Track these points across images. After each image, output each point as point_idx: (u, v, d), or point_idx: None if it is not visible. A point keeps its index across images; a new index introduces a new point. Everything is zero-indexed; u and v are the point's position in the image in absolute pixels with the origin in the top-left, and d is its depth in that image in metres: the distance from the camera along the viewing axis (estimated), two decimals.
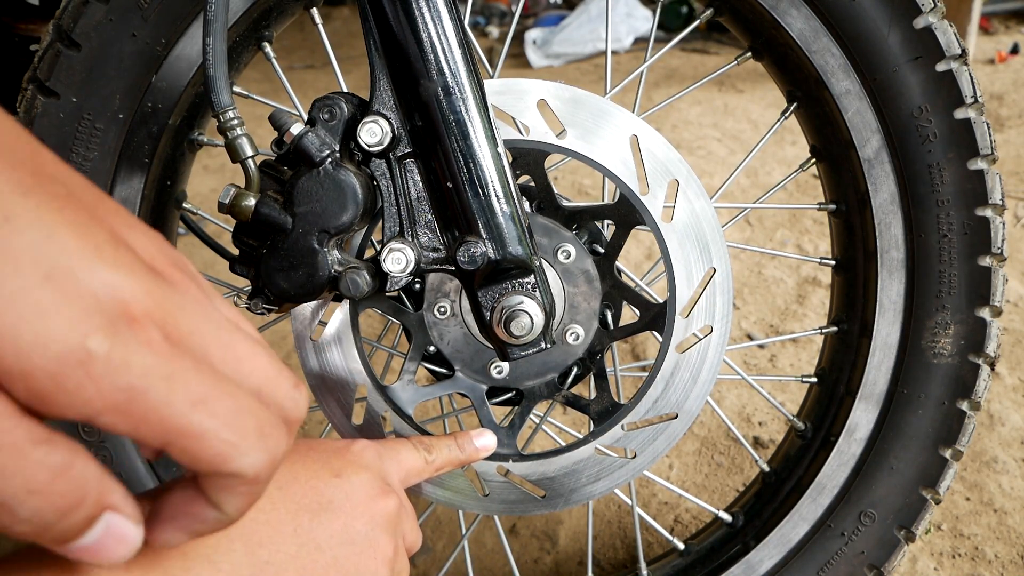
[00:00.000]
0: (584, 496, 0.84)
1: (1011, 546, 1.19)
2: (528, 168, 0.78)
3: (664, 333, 0.80)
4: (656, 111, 0.91)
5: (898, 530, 0.86)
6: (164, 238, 0.37)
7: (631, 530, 1.27)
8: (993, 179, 0.78)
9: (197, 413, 0.32)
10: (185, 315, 0.33)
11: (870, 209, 0.82)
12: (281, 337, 1.82)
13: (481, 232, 0.67)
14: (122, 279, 0.30)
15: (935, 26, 0.76)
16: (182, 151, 0.89)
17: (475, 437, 0.78)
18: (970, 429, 0.84)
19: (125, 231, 0.34)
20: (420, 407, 1.53)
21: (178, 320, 0.33)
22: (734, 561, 0.91)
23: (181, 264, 0.37)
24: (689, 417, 0.82)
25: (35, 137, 0.33)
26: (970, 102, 0.77)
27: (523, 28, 4.47)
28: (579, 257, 0.78)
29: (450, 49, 0.65)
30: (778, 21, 0.80)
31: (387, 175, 0.69)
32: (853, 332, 0.89)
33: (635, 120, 0.77)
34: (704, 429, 1.48)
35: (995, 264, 0.80)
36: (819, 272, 1.92)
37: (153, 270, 0.33)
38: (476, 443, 0.77)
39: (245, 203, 0.64)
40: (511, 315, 0.69)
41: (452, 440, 0.76)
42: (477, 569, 1.22)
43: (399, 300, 0.81)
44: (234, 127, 0.64)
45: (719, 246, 0.79)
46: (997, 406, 1.45)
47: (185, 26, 0.79)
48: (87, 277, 0.29)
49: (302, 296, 0.66)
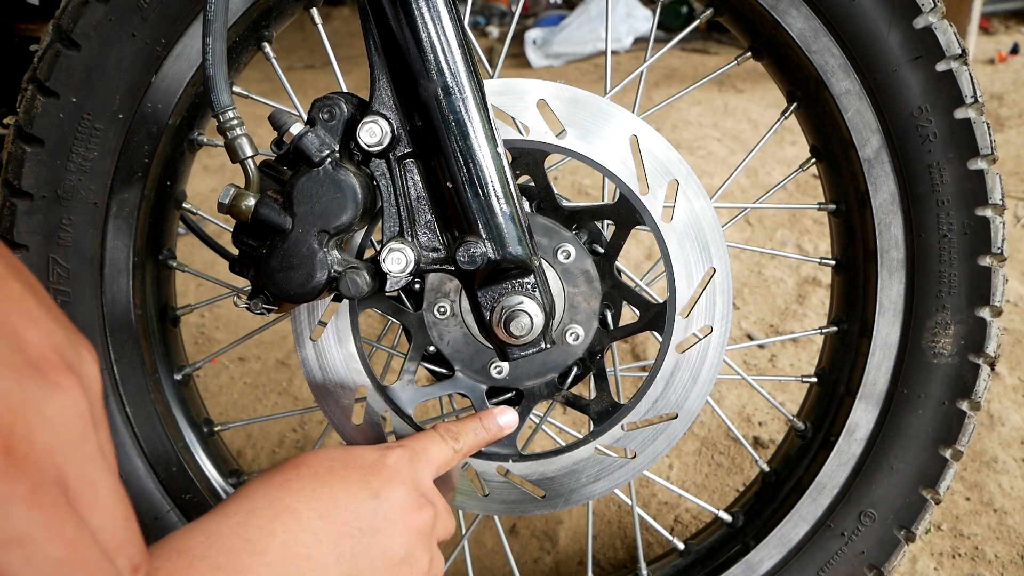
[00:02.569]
0: (584, 496, 0.84)
1: (1011, 546, 1.19)
2: (528, 168, 0.78)
3: (664, 333, 0.80)
4: (656, 111, 0.91)
5: (898, 530, 0.86)
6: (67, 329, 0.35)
7: (631, 530, 1.27)
8: (993, 179, 0.78)
9: (9, 553, 0.28)
10: (47, 429, 0.31)
11: (870, 209, 0.82)
12: (281, 337, 1.82)
13: (481, 232, 0.67)
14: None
15: (935, 26, 0.76)
16: (182, 151, 0.89)
17: (498, 415, 0.78)
18: (970, 429, 0.84)
19: (19, 322, 0.33)
20: (420, 407, 1.53)
21: (33, 433, 0.30)
22: (734, 561, 0.91)
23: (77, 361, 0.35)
24: (689, 417, 0.82)
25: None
26: (970, 102, 0.77)
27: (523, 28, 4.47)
28: (579, 257, 0.77)
29: (450, 49, 0.65)
30: (778, 21, 0.80)
31: (387, 175, 0.69)
32: (853, 332, 0.89)
33: (635, 120, 0.77)
34: (704, 429, 1.48)
35: (995, 264, 0.80)
36: (819, 272, 1.92)
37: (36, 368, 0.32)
38: (500, 421, 0.77)
39: (245, 203, 0.64)
40: (511, 315, 0.69)
41: (477, 422, 0.76)
42: (477, 569, 1.22)
43: (399, 300, 0.81)
44: (234, 127, 0.64)
45: (719, 246, 0.79)
46: (997, 406, 1.45)
47: (185, 26, 0.79)
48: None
49: (302, 296, 0.66)
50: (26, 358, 0.32)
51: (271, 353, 1.79)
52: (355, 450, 0.65)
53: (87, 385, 0.35)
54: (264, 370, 1.74)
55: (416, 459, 0.67)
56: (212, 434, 0.96)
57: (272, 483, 0.59)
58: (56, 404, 0.32)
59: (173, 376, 0.92)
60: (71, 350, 0.35)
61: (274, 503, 0.56)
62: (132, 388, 0.86)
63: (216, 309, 1.94)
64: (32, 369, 0.32)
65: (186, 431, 0.91)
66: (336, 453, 0.64)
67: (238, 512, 0.55)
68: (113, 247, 0.83)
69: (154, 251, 0.89)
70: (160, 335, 0.91)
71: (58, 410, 0.32)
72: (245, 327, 1.87)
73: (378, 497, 0.61)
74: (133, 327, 0.86)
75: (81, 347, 0.36)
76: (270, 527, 0.54)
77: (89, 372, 0.36)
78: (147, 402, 0.87)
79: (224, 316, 1.93)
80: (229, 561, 0.50)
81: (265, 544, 0.53)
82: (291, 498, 0.57)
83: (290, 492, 0.58)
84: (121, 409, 0.85)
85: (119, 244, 0.84)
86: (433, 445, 0.71)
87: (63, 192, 0.80)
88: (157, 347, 0.90)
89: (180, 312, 0.95)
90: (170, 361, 0.92)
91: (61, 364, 0.34)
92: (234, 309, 1.93)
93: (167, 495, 0.88)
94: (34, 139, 0.78)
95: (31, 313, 0.34)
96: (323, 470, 0.61)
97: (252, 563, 0.51)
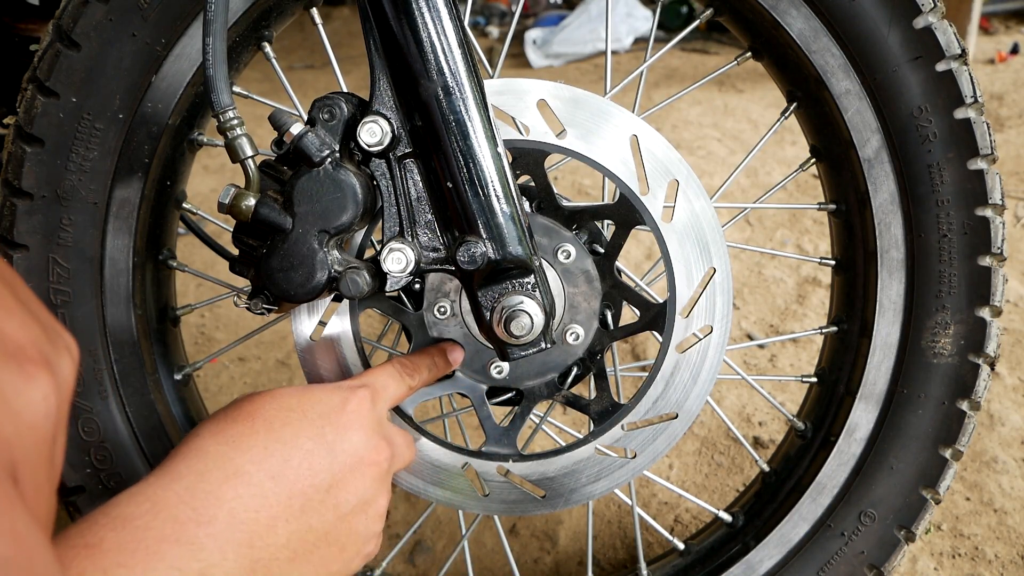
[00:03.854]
0: (584, 496, 0.84)
1: (1011, 546, 1.19)
2: (528, 168, 0.78)
3: (664, 333, 0.80)
4: (656, 111, 0.91)
5: (898, 530, 0.86)
6: (48, 325, 0.35)
7: (631, 530, 1.27)
8: (993, 179, 0.78)
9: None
10: (10, 421, 0.31)
11: (870, 209, 0.82)
12: (281, 337, 1.82)
13: (481, 232, 0.67)
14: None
15: (935, 26, 0.76)
16: (182, 151, 0.89)
17: (449, 352, 0.79)
18: (970, 429, 0.84)
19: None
20: (420, 407, 1.53)
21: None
22: (734, 561, 0.91)
23: (54, 358, 0.34)
24: (689, 417, 0.82)
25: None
26: (970, 102, 0.77)
27: (523, 28, 4.47)
28: (579, 257, 0.77)
29: (450, 49, 0.65)
30: (778, 21, 0.80)
31: (387, 175, 0.69)
32: (853, 332, 0.89)
33: (635, 120, 0.77)
34: (704, 429, 1.48)
35: (995, 264, 0.80)
36: (819, 272, 1.92)
37: (12, 357, 0.31)
38: (450, 357, 0.79)
39: (245, 203, 0.64)
40: (511, 315, 0.69)
41: (431, 359, 0.77)
42: (477, 569, 1.22)
43: (399, 300, 0.81)
44: (234, 127, 0.64)
45: (719, 246, 0.79)
46: (997, 406, 1.45)
47: (185, 26, 0.79)
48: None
49: (302, 296, 0.66)
50: (1, 346, 0.32)
51: (271, 353, 1.79)
52: (314, 393, 0.64)
53: (60, 384, 0.34)
54: (264, 370, 1.74)
55: (377, 399, 0.67)
56: None
57: (224, 438, 0.57)
58: (26, 398, 0.32)
59: (173, 376, 0.92)
60: (49, 345, 0.35)
61: (225, 464, 0.55)
62: (132, 388, 0.86)
63: (216, 309, 1.94)
64: (6, 358, 0.32)
65: (186, 431, 0.91)
66: (293, 399, 0.62)
67: (188, 474, 0.54)
68: (113, 247, 0.83)
69: (154, 251, 0.89)
70: (160, 335, 0.91)
71: (26, 404, 0.32)
72: (245, 327, 1.87)
73: (333, 451, 0.60)
74: (133, 327, 0.86)
75: (61, 344, 0.36)
76: (219, 492, 0.53)
77: (64, 371, 0.35)
78: (147, 402, 0.87)
79: (224, 316, 1.93)
80: (175, 532, 0.49)
81: (213, 512, 0.52)
82: (242, 459, 0.56)
83: (241, 451, 0.56)
84: (121, 409, 0.85)
85: (119, 244, 0.84)
86: (393, 382, 0.71)
87: (63, 192, 0.80)
88: (157, 347, 0.90)
89: (180, 312, 0.95)
90: (170, 361, 0.92)
91: (38, 357, 0.33)
92: (234, 309, 1.93)
93: None
94: (34, 139, 0.78)
95: (6, 304, 0.34)
96: (278, 422, 0.59)
97: (198, 533, 0.50)
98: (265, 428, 0.59)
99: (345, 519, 0.61)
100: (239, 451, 0.56)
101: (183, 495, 0.52)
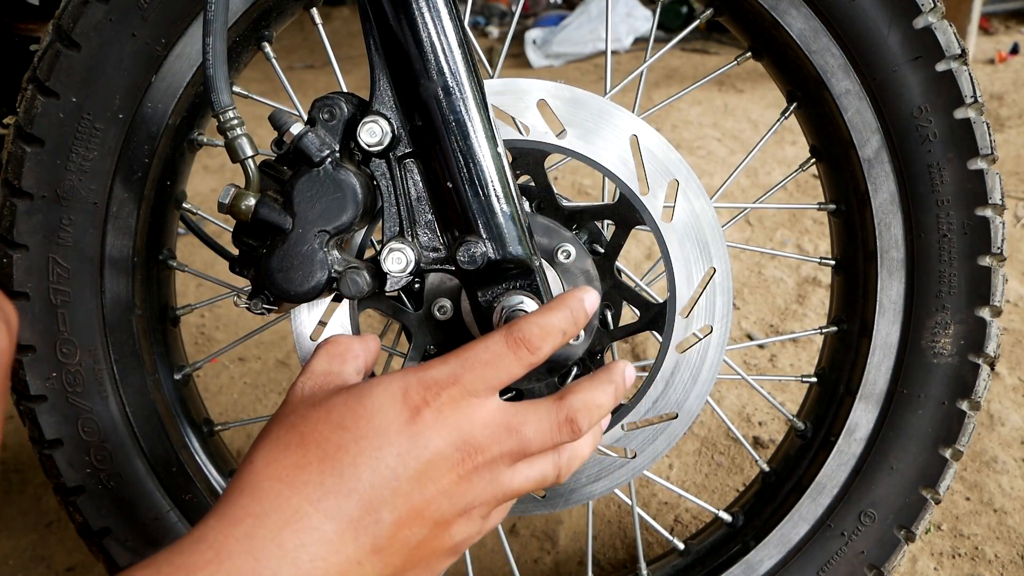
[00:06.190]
0: (584, 496, 0.84)
1: (1011, 546, 1.19)
2: (528, 168, 0.78)
3: (664, 333, 0.80)
4: (656, 111, 0.91)
5: (898, 530, 0.86)
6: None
7: (631, 530, 1.27)
8: (993, 179, 0.78)
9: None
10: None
11: (870, 209, 0.82)
12: (281, 337, 1.82)
13: (481, 232, 0.67)
14: None
15: (935, 26, 0.76)
16: (182, 151, 0.89)
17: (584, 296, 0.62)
18: (970, 429, 0.84)
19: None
20: None
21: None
22: (734, 561, 0.91)
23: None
24: (689, 417, 0.82)
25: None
26: (970, 102, 0.77)
27: (523, 28, 4.47)
28: (579, 257, 0.77)
29: (450, 49, 0.65)
30: (778, 21, 0.80)
31: (387, 175, 0.69)
32: (853, 332, 0.89)
33: (635, 120, 0.77)
34: (704, 429, 1.48)
35: (995, 264, 0.80)
36: (819, 272, 1.92)
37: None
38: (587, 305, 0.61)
39: (245, 203, 0.64)
40: (511, 315, 0.69)
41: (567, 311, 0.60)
42: (477, 569, 1.22)
43: (399, 300, 0.81)
44: (234, 127, 0.64)
45: (719, 246, 0.79)
46: (997, 406, 1.45)
47: (185, 26, 0.79)
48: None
49: (302, 296, 0.66)
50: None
51: (271, 353, 1.79)
52: (373, 405, 0.53)
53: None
54: (264, 370, 1.74)
55: (463, 401, 0.54)
56: (212, 434, 0.96)
57: (277, 471, 0.52)
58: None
59: (173, 376, 0.92)
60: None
61: (282, 505, 0.50)
62: (132, 388, 0.86)
63: (216, 309, 1.94)
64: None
65: (186, 431, 0.91)
66: (347, 412, 0.53)
67: (245, 518, 0.50)
68: (113, 247, 0.83)
69: (154, 251, 0.89)
70: (160, 335, 0.91)
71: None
72: (245, 327, 1.87)
73: (398, 479, 0.52)
74: (133, 327, 0.86)
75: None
76: (279, 540, 0.49)
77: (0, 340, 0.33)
78: (147, 402, 0.87)
79: (224, 316, 1.93)
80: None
81: (276, 565, 0.48)
82: (298, 498, 0.51)
83: (296, 488, 0.51)
84: (121, 409, 0.85)
85: (119, 244, 0.84)
86: (497, 367, 0.55)
87: (63, 192, 0.80)
88: (157, 347, 0.90)
89: (180, 312, 0.95)
90: (170, 361, 0.92)
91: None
92: (234, 309, 1.93)
93: (167, 495, 0.88)
94: (34, 139, 0.78)
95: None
96: (331, 446, 0.52)
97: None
98: (319, 458, 0.52)
99: (419, 548, 0.54)
100: (294, 489, 0.51)
101: (244, 543, 0.48)
